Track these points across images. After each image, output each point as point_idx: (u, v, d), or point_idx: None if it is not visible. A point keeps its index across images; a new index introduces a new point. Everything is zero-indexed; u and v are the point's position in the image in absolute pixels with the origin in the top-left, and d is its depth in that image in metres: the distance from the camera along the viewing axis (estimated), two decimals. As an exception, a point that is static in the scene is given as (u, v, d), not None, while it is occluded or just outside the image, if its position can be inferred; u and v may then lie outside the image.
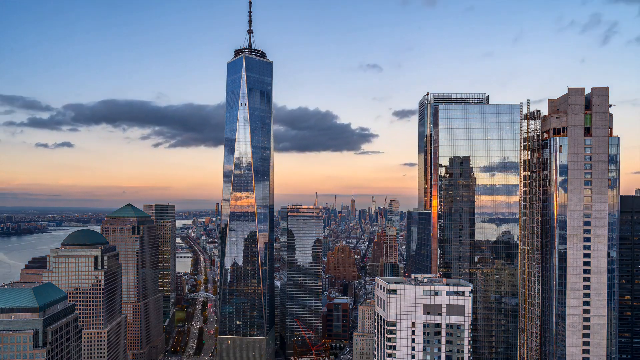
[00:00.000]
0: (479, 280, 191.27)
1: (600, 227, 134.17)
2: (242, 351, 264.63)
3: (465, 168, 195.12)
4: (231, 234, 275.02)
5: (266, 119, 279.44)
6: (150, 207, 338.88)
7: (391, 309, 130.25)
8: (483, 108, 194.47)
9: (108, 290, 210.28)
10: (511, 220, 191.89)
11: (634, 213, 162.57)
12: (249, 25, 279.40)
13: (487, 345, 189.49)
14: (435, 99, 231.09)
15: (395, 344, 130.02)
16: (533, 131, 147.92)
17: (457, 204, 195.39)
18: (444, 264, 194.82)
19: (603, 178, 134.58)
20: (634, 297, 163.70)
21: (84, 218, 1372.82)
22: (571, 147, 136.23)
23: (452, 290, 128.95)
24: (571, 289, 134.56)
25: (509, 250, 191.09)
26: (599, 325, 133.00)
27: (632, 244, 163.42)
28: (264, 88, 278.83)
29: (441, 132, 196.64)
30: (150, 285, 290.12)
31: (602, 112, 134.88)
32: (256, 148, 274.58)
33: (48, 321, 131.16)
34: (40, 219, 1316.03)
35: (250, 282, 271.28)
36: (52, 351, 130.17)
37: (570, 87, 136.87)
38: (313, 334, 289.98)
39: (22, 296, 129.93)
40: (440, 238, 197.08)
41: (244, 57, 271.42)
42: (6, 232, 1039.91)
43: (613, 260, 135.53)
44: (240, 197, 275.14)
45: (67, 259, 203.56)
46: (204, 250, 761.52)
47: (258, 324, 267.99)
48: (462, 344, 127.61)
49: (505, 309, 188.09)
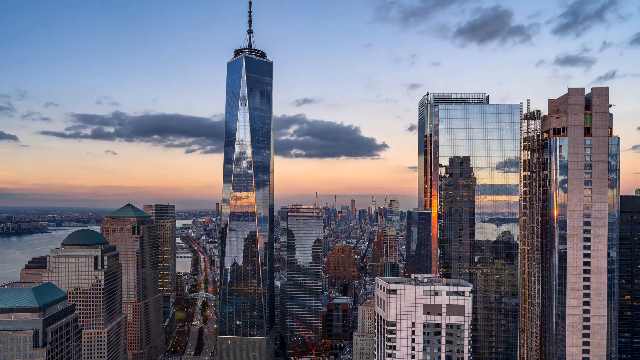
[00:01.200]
0: (479, 280, 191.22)
1: (600, 227, 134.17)
2: (242, 351, 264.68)
3: (465, 168, 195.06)
4: (231, 234, 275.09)
5: (266, 119, 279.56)
6: (150, 207, 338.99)
7: (391, 309, 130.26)
8: (483, 108, 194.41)
9: (108, 290, 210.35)
10: (511, 220, 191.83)
11: (634, 213, 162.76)
12: (249, 25, 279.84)
13: (487, 345, 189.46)
14: (435, 99, 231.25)
15: (395, 344, 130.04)
16: (533, 131, 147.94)
17: (457, 204, 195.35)
18: (444, 264, 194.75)
19: (603, 178, 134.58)
20: (634, 297, 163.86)
21: (84, 218, 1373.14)
22: (571, 147, 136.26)
23: (452, 290, 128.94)
24: (571, 289, 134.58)
25: (509, 250, 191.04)
26: (599, 325, 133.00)
27: (632, 244, 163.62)
28: (264, 88, 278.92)
29: (441, 132, 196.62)
30: (150, 285, 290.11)
31: (602, 112, 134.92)
32: (256, 148, 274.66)
33: (48, 321, 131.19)
34: (40, 219, 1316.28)
35: (250, 282, 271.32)
36: (52, 351, 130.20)
37: (570, 87, 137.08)
38: (313, 334, 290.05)
39: (22, 296, 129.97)
40: (440, 238, 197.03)
41: (244, 57, 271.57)
42: (6, 232, 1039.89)
43: (613, 260, 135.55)
44: (240, 197, 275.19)
45: (67, 259, 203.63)
46: (204, 250, 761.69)
47: (258, 324, 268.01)
48: (462, 344, 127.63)
49: (505, 309, 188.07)
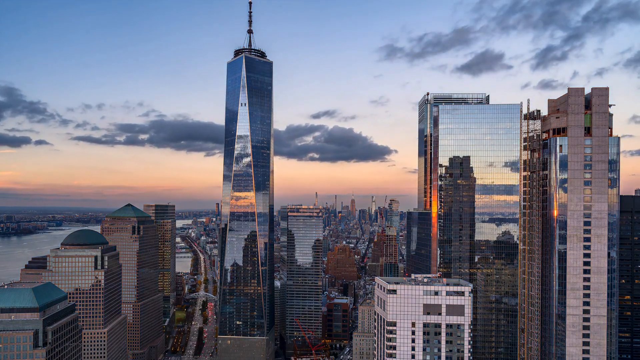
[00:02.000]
0: (479, 280, 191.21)
1: (600, 227, 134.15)
2: (242, 351, 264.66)
3: (465, 168, 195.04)
4: (231, 234, 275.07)
5: (266, 119, 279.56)
6: (150, 207, 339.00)
7: (391, 309, 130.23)
8: (483, 108, 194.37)
9: (108, 290, 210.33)
10: (511, 220, 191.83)
11: (634, 213, 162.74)
12: (249, 25, 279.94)
13: (487, 345, 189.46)
14: (435, 99, 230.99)
15: (395, 344, 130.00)
16: (533, 131, 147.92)
17: (457, 204, 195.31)
18: (444, 264, 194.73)
19: (603, 178, 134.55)
20: (634, 297, 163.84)
21: (84, 218, 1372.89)
22: (571, 147, 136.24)
23: (452, 290, 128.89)
24: (571, 289, 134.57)
25: (509, 250, 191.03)
26: (599, 325, 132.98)
27: (632, 244, 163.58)
28: (264, 88, 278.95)
29: (441, 132, 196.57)
30: (150, 285, 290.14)
31: (602, 112, 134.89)
32: (256, 148, 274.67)
33: (48, 321, 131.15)
34: (40, 218, 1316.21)
35: (250, 282, 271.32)
36: (52, 351, 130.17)
37: (570, 87, 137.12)
38: (313, 334, 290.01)
39: (22, 296, 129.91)
40: (440, 238, 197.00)
41: (244, 57, 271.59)
42: (6, 232, 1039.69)
43: (613, 260, 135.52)
44: (240, 197, 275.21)
45: (67, 259, 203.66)
46: (204, 250, 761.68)
47: (258, 324, 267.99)
48: (462, 344, 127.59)
49: (505, 309, 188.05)
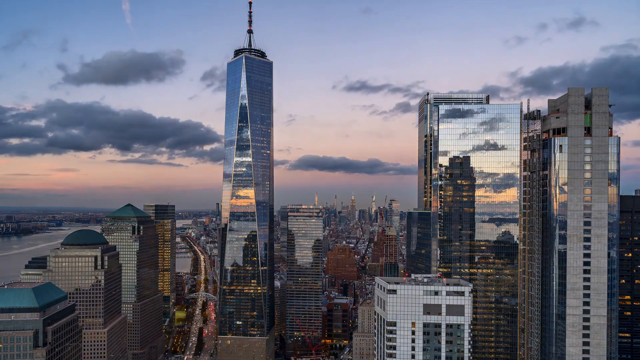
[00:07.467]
0: (479, 280, 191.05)
1: (600, 227, 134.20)
2: (242, 351, 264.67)
3: (465, 168, 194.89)
4: (231, 234, 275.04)
5: (266, 119, 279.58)
6: (150, 207, 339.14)
7: (391, 309, 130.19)
8: (483, 108, 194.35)
9: (108, 290, 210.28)
10: (511, 220, 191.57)
11: (634, 213, 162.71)
12: (249, 25, 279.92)
13: (487, 345, 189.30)
14: (435, 99, 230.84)
15: (395, 344, 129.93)
16: (533, 131, 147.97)
17: (457, 204, 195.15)
18: (444, 264, 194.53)
19: (603, 178, 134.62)
20: (634, 297, 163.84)
21: (84, 218, 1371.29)
22: (571, 147, 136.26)
23: (452, 290, 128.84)
24: (571, 289, 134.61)
25: (509, 250, 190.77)
26: (599, 325, 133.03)
27: (632, 244, 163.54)
28: (264, 88, 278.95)
29: (441, 132, 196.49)
30: (150, 285, 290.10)
31: (602, 112, 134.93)
32: (256, 148, 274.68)
33: (48, 321, 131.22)
34: (40, 218, 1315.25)
35: (250, 282, 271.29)
36: (52, 351, 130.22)
37: (570, 87, 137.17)
38: (313, 334, 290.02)
39: (22, 296, 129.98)
40: (440, 238, 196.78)
41: (244, 57, 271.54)
42: (6, 232, 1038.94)
43: (613, 260, 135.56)
44: (240, 196, 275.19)
45: (67, 259, 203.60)
46: (204, 250, 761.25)
47: (258, 324, 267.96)
48: (462, 344, 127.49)
49: (505, 309, 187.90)
